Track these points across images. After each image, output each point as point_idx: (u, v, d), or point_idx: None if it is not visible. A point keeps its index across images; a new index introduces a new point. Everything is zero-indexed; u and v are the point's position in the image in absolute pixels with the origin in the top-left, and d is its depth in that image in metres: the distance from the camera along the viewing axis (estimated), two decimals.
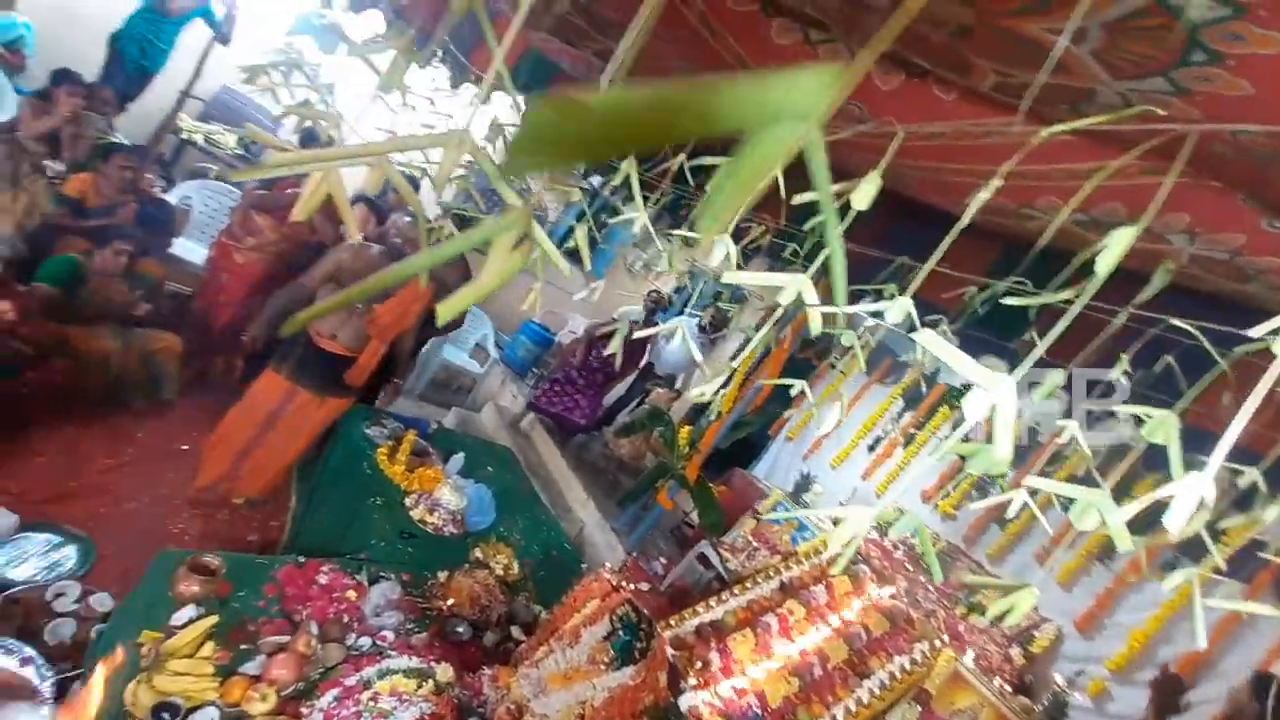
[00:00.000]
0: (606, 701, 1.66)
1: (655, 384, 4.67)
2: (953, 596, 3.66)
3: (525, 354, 4.96)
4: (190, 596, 1.63)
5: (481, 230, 0.57)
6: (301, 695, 1.56)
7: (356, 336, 2.55)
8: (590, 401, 4.37)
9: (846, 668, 2.59)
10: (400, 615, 2.00)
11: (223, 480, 2.52)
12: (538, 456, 4.26)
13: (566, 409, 4.38)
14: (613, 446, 4.38)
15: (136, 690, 1.38)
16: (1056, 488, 0.97)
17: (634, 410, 4.61)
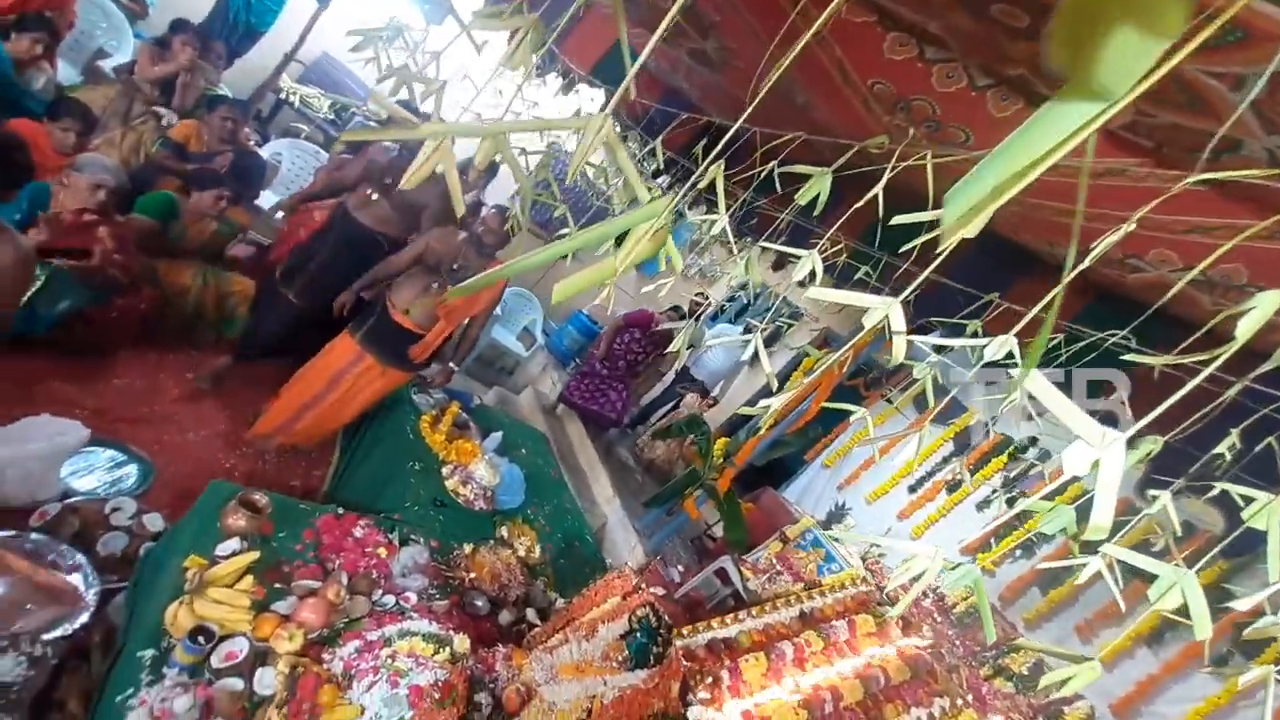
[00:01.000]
0: (616, 701, 1.64)
1: (689, 388, 4.63)
2: (979, 656, 3.47)
3: (570, 344, 5.00)
4: (236, 530, 1.69)
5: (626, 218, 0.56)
6: (325, 641, 1.60)
7: (427, 315, 2.62)
8: (620, 396, 4.36)
9: (860, 710, 2.49)
10: (425, 580, 2.04)
11: (281, 429, 2.63)
12: (569, 446, 4.28)
13: (599, 405, 4.39)
14: (644, 447, 4.37)
15: (178, 611, 1.44)
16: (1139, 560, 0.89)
17: (669, 413, 4.58)
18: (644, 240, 0.55)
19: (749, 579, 2.97)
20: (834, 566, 3.17)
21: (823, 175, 1.24)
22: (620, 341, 4.30)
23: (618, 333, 4.34)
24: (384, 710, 1.48)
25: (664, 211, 0.54)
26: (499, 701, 1.68)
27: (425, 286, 2.63)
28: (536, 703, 1.68)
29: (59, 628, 1.64)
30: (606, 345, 4.32)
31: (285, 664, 1.44)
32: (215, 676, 1.41)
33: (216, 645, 1.43)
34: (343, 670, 1.55)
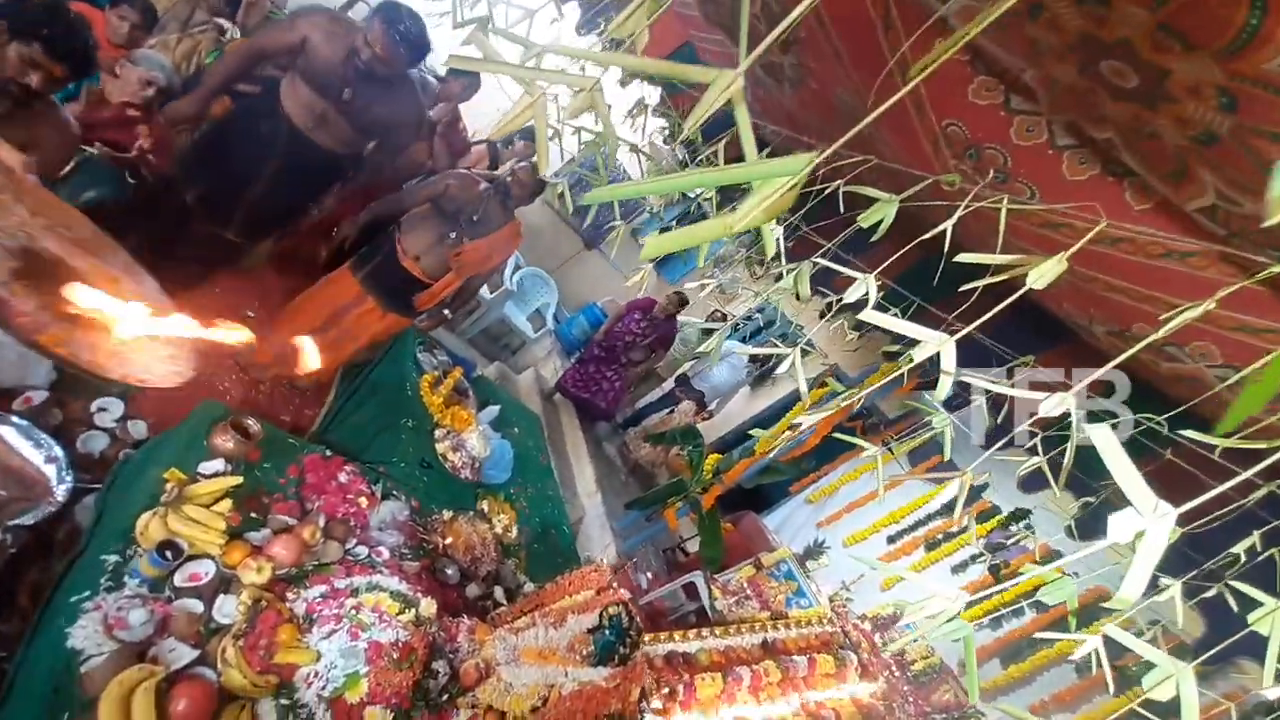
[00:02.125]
0: (574, 694, 1.60)
1: (686, 393, 4.60)
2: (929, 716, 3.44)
3: (579, 334, 4.98)
4: (223, 451, 1.65)
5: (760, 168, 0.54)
6: (292, 580, 1.56)
7: (437, 265, 2.57)
8: (613, 386, 4.34)
9: None
10: (401, 537, 2.00)
11: (276, 362, 2.58)
12: (560, 435, 4.24)
13: (591, 393, 4.36)
14: (632, 448, 4.33)
15: (150, 521, 1.40)
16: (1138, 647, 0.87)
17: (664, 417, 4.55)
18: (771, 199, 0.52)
19: (717, 598, 2.93)
20: (803, 602, 3.14)
21: (890, 203, 1.22)
22: (621, 323, 4.31)
23: (618, 318, 4.36)
24: (340, 660, 1.44)
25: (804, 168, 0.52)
26: (456, 673, 1.64)
27: (440, 235, 2.57)
28: (494, 681, 1.64)
29: (23, 516, 1.60)
30: (607, 327, 4.33)
31: (249, 595, 1.40)
32: (175, 595, 1.36)
33: (183, 563, 1.39)
34: (305, 612, 1.51)
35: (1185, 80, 0.96)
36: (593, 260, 5.43)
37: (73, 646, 1.19)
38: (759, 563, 3.13)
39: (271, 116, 2.26)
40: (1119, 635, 0.87)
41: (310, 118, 2.24)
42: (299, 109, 2.23)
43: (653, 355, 4.36)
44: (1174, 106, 1.00)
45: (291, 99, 2.23)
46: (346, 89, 2.17)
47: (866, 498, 3.92)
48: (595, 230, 5.24)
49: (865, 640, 3.28)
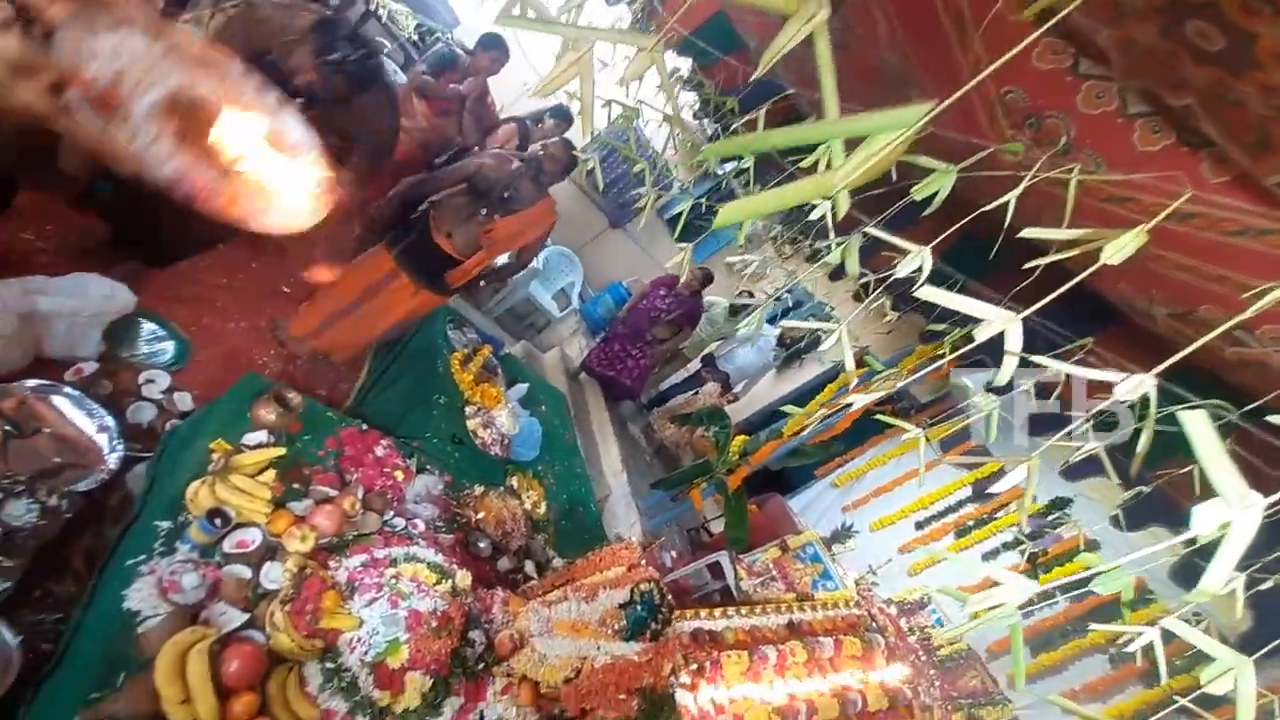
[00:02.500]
0: (607, 667, 1.62)
1: (711, 374, 4.57)
2: (955, 701, 3.43)
3: (605, 313, 4.96)
4: (265, 423, 1.69)
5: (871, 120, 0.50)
6: (334, 549, 1.60)
7: (469, 242, 2.57)
8: (638, 364, 4.33)
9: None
10: (435, 511, 2.03)
11: (311, 335, 2.63)
12: (585, 414, 4.26)
13: (615, 371, 4.36)
14: (657, 428, 4.33)
15: (199, 489, 1.44)
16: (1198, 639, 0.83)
17: (689, 398, 4.53)
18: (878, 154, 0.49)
19: (743, 578, 2.94)
20: (829, 585, 3.12)
21: (947, 173, 1.16)
22: (646, 300, 4.29)
23: (643, 295, 4.33)
24: (381, 627, 1.47)
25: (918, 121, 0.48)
26: (491, 643, 1.67)
27: (472, 213, 2.56)
28: (528, 652, 1.67)
29: (78, 482, 1.66)
30: (631, 304, 4.30)
31: (294, 563, 1.44)
32: (225, 561, 1.41)
33: (231, 531, 1.43)
34: (346, 580, 1.54)
35: (1274, 46, 0.88)
36: (618, 239, 5.38)
37: (129, 608, 1.23)
38: (785, 545, 3.12)
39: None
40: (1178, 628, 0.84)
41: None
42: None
43: (679, 333, 4.32)
44: (1260, 73, 0.92)
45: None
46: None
47: (895, 483, 3.87)
48: (620, 209, 5.18)
49: (891, 624, 3.27)
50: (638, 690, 1.60)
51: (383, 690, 1.41)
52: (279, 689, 1.28)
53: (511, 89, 4.02)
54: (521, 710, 1.61)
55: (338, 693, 1.35)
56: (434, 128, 3.28)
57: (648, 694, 1.61)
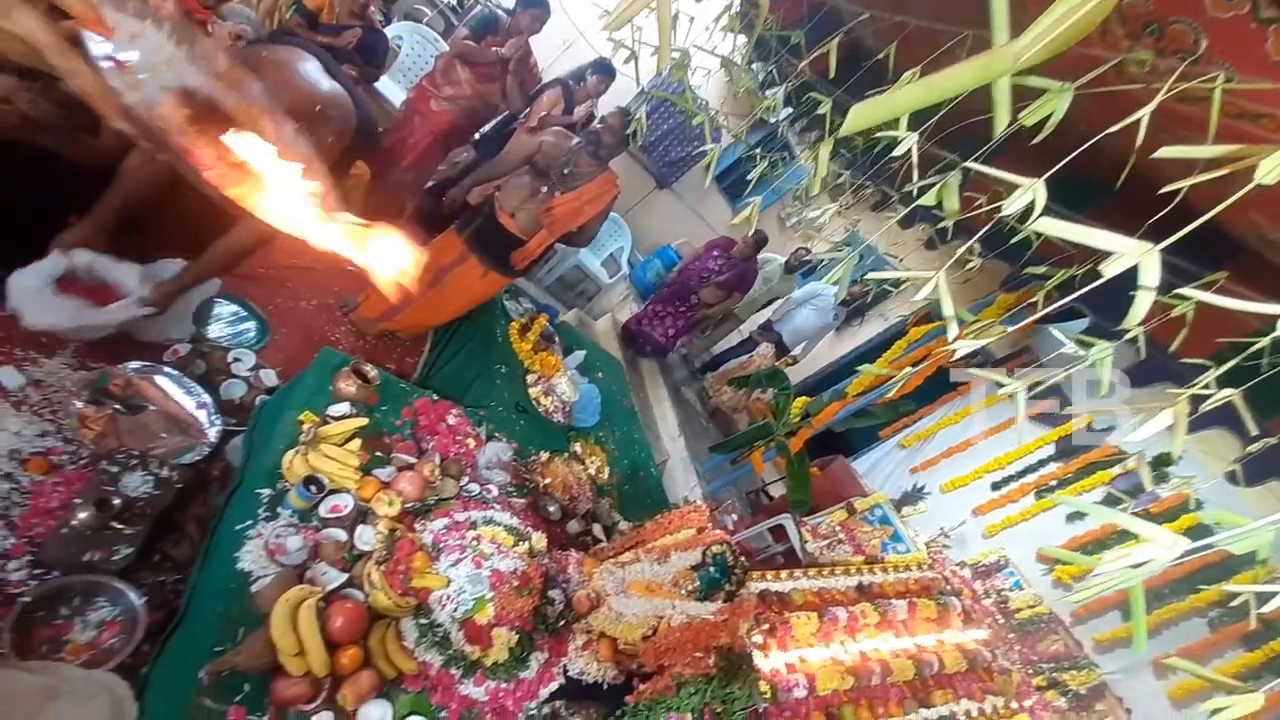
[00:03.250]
0: (683, 625, 1.64)
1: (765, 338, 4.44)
2: (1035, 665, 3.32)
3: (654, 277, 4.89)
4: (346, 395, 1.75)
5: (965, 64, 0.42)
6: (418, 513, 1.66)
7: (531, 221, 2.56)
8: (675, 325, 4.28)
9: (908, 689, 2.43)
10: (506, 476, 2.08)
11: (384, 315, 2.70)
12: (640, 379, 4.26)
13: (650, 327, 4.31)
14: (712, 393, 4.28)
15: (294, 459, 1.52)
16: None
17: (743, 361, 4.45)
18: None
19: (808, 541, 2.90)
20: (900, 547, 3.04)
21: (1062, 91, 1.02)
22: (698, 261, 4.21)
23: (697, 256, 4.24)
24: (468, 586, 1.53)
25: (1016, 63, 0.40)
26: (570, 601, 1.72)
27: (533, 191, 2.55)
28: (605, 610, 1.70)
29: (184, 455, 1.79)
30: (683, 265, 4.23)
31: (385, 526, 1.51)
32: (322, 525, 1.48)
33: (325, 497, 1.51)
34: (432, 542, 1.61)
35: None
36: (666, 200, 5.24)
37: (242, 569, 1.33)
38: (851, 507, 3.05)
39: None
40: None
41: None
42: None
43: (727, 298, 4.21)
44: None
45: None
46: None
47: (968, 442, 3.69)
48: (667, 168, 5.02)
49: (966, 588, 3.17)
50: (714, 649, 1.61)
51: (473, 645, 1.48)
52: (379, 643, 1.36)
53: (552, 46, 3.91)
54: (602, 665, 1.66)
55: (432, 646, 1.42)
56: (478, 94, 3.24)
57: (725, 653, 1.62)
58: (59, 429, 1.64)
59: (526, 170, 2.56)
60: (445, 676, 1.41)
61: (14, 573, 1.37)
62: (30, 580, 1.38)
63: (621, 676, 1.67)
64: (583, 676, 1.63)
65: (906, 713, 2.31)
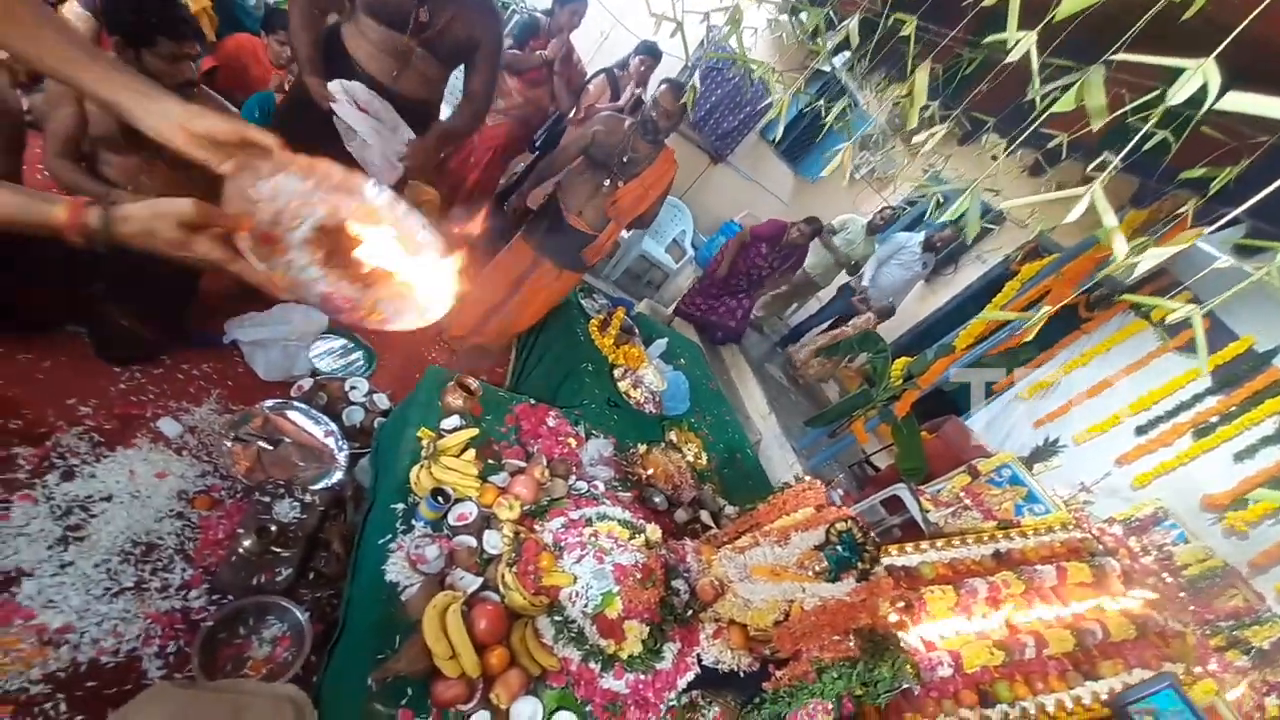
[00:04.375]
0: (818, 608, 1.56)
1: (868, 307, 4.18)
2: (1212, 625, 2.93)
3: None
4: (455, 408, 1.82)
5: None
6: (535, 515, 1.70)
7: (598, 217, 2.55)
8: (741, 305, 4.10)
9: (1069, 662, 2.22)
10: (610, 471, 2.09)
11: (471, 333, 2.81)
12: (720, 361, 4.17)
13: (718, 314, 4.14)
14: (799, 366, 4.10)
15: (420, 473, 1.59)
16: None
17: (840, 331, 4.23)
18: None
19: (929, 510, 2.71)
20: (1037, 508, 2.78)
21: None
22: (745, 257, 3.96)
23: (743, 248, 3.95)
24: (593, 582, 1.54)
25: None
26: (694, 590, 1.70)
27: (596, 187, 2.53)
28: (730, 597, 1.66)
29: (322, 480, 1.94)
30: (729, 262, 3.97)
31: (509, 529, 1.55)
32: (453, 533, 1.55)
33: (451, 506, 1.57)
34: (553, 542, 1.64)
35: None
36: (722, 174, 5.08)
37: (390, 580, 1.40)
38: (974, 470, 2.81)
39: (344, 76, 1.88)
40: None
41: (389, 62, 1.86)
42: (373, 55, 1.84)
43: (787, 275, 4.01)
44: None
45: (361, 45, 1.85)
46: (422, 6, 1.76)
47: (1103, 384, 3.30)
48: (720, 141, 4.86)
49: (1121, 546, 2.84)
50: (854, 632, 1.53)
51: (607, 639, 1.49)
52: (521, 641, 1.40)
53: (591, 40, 3.88)
54: (735, 652, 1.62)
55: (570, 642, 1.45)
56: (529, 100, 3.27)
57: (867, 634, 1.53)
58: (215, 468, 1.83)
59: (585, 166, 2.55)
60: (586, 671, 1.43)
61: (195, 600, 1.54)
62: (210, 606, 1.54)
63: (757, 663, 1.62)
64: (718, 665, 1.60)
65: (1071, 686, 2.10)
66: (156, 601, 1.48)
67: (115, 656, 1.36)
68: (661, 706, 1.49)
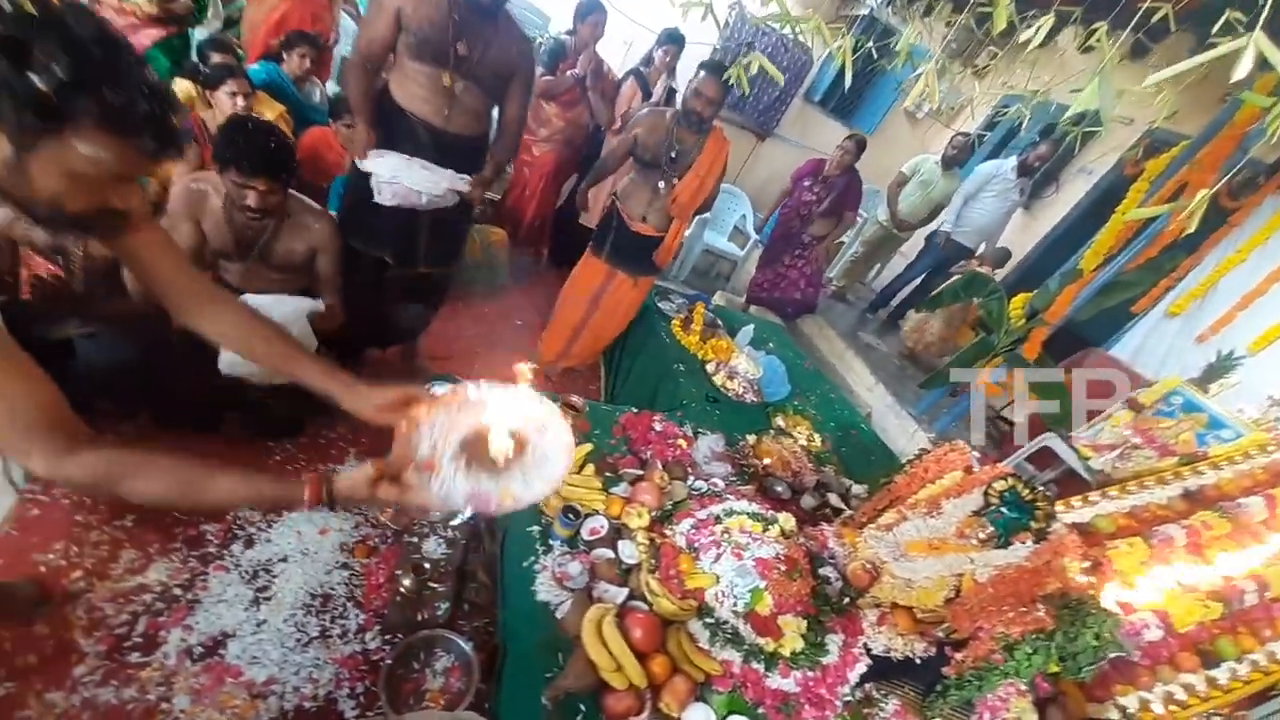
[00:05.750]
0: (994, 579, 1.41)
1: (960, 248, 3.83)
2: None
3: None
4: None
5: None
6: (663, 520, 1.67)
7: (661, 217, 2.54)
8: (803, 274, 3.84)
9: None
10: (726, 467, 2.03)
11: (560, 356, 2.88)
12: (808, 339, 3.99)
13: (783, 290, 3.92)
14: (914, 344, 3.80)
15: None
16: None
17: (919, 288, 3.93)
18: None
19: (1089, 457, 2.41)
20: (1224, 434, 2.39)
21: None
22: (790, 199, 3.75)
23: (784, 196, 3.80)
24: (737, 579, 1.49)
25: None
26: (845, 576, 1.59)
27: (653, 189, 2.52)
28: (888, 579, 1.54)
29: (459, 516, 2.03)
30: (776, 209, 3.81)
31: (642, 536, 1.53)
32: (589, 547, 1.56)
33: (583, 522, 1.58)
34: (686, 544, 1.60)
35: None
36: (772, 148, 4.91)
37: (541, 599, 1.43)
38: (1135, 403, 2.47)
39: (400, 129, 1.91)
40: None
41: (439, 102, 1.87)
42: (423, 99, 1.87)
43: (840, 223, 3.71)
44: None
45: (410, 92, 1.87)
46: (459, 41, 1.79)
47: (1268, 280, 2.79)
48: (763, 115, 4.70)
49: None
50: (1044, 599, 1.36)
51: (764, 636, 1.42)
52: (678, 647, 1.37)
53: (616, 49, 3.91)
54: (905, 638, 1.50)
55: (726, 644, 1.40)
56: (569, 123, 3.33)
57: (1058, 600, 1.35)
58: (365, 518, 1.97)
59: (636, 171, 2.54)
60: (750, 672, 1.37)
61: (371, 642, 1.65)
62: (384, 645, 1.64)
63: (933, 648, 1.49)
64: (889, 654, 1.48)
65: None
66: (340, 647, 1.60)
67: (315, 701, 1.48)
68: (837, 703, 1.40)
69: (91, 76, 0.62)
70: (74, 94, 0.62)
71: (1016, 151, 3.71)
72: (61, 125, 0.63)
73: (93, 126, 0.64)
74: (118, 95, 0.64)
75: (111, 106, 0.64)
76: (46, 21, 0.61)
